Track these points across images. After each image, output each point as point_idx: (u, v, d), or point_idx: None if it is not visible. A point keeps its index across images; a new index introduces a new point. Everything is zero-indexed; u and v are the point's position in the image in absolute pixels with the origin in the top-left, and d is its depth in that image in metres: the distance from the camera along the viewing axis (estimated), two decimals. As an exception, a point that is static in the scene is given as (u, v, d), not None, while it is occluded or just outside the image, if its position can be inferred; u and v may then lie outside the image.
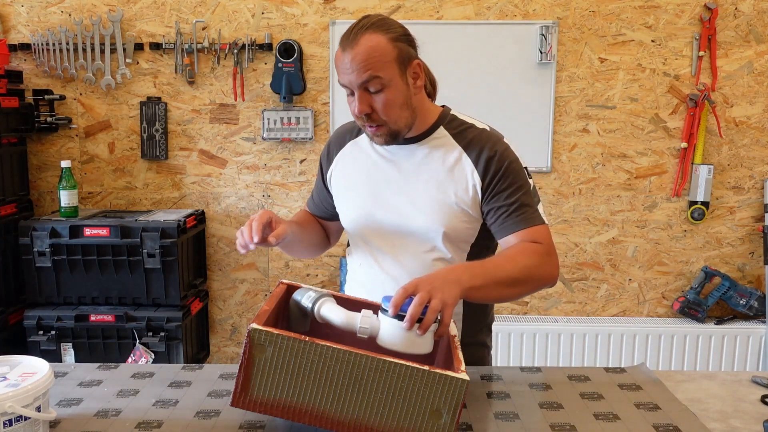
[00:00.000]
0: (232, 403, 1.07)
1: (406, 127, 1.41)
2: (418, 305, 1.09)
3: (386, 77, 1.33)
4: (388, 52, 1.33)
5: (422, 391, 1.03)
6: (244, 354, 1.05)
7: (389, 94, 1.35)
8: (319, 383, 1.05)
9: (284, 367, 1.05)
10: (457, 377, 1.03)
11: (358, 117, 1.38)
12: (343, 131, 1.59)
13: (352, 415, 1.05)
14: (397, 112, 1.37)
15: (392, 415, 1.04)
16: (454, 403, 1.03)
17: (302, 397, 1.05)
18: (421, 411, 1.04)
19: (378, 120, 1.36)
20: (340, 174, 1.55)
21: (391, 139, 1.40)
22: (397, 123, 1.38)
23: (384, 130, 1.38)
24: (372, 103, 1.35)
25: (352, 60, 1.31)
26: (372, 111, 1.35)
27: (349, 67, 1.32)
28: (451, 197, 1.42)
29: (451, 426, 1.03)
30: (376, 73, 1.32)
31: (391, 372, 1.03)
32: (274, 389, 1.06)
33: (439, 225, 1.42)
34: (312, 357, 1.04)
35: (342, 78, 1.35)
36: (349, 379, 1.04)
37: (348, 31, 1.34)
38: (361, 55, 1.31)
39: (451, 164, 1.42)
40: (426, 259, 1.45)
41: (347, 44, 1.33)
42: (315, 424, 1.06)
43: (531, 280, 1.33)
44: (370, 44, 1.32)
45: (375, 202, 1.48)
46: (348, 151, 1.55)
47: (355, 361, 1.03)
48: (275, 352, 1.04)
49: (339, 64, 1.35)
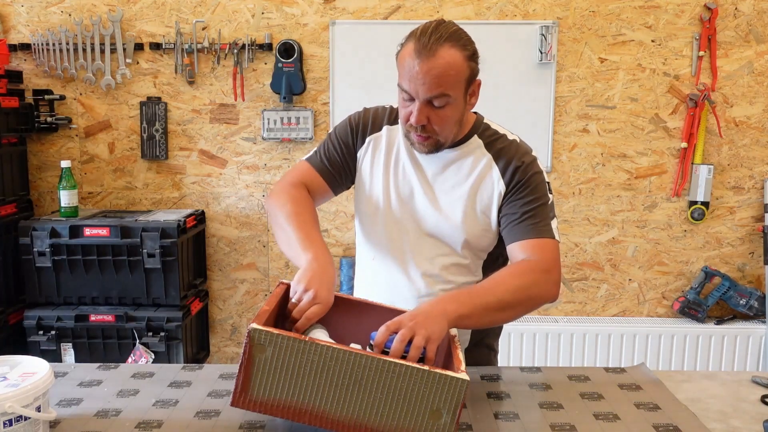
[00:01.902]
0: (232, 403, 1.07)
1: (452, 141, 1.41)
2: (400, 342, 1.08)
3: (453, 96, 1.31)
4: (462, 71, 1.30)
5: (422, 391, 1.03)
6: (244, 354, 1.05)
7: (449, 111, 1.33)
8: (319, 383, 1.04)
9: (284, 367, 1.04)
10: (457, 377, 1.03)
11: (410, 125, 1.34)
12: (379, 114, 1.52)
13: (352, 415, 1.05)
14: (450, 127, 1.36)
15: (392, 415, 1.04)
16: (454, 403, 1.03)
17: (302, 397, 1.05)
18: (421, 411, 1.03)
19: (430, 131, 1.34)
20: (370, 157, 1.49)
21: (435, 150, 1.39)
22: (447, 137, 1.38)
23: (432, 142, 1.36)
24: (430, 115, 1.32)
25: (427, 72, 1.26)
26: (427, 123, 1.33)
27: (421, 78, 1.27)
28: (476, 205, 1.42)
29: (451, 426, 1.03)
30: (447, 91, 1.29)
31: (391, 372, 1.03)
32: (274, 389, 1.05)
33: (462, 232, 1.42)
34: (312, 357, 1.04)
35: (408, 84, 1.30)
36: (349, 379, 1.04)
37: (424, 37, 1.27)
38: (438, 69, 1.26)
39: (479, 172, 1.42)
40: (443, 263, 1.45)
41: (424, 53, 1.26)
42: (315, 424, 1.06)
43: (525, 301, 1.29)
44: (448, 60, 1.27)
45: (399, 199, 1.46)
46: (383, 136, 1.49)
47: (355, 361, 1.03)
48: (275, 352, 1.04)
49: (407, 70, 1.29)
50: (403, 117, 1.36)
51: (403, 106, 1.35)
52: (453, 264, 1.44)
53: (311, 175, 1.50)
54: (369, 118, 1.51)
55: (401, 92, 1.33)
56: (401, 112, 1.36)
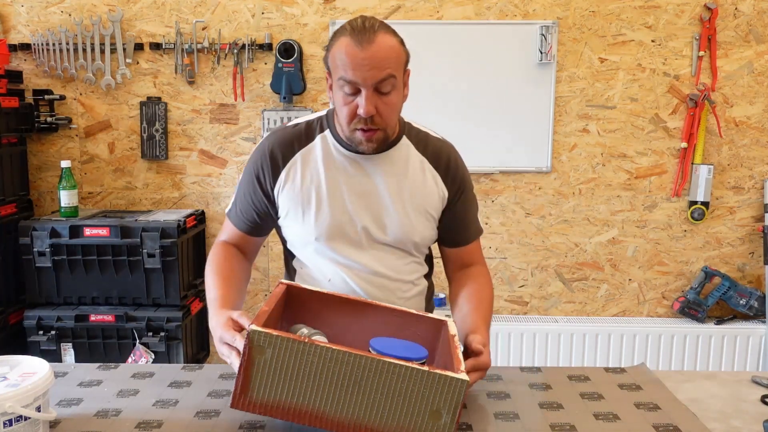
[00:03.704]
0: (232, 405, 1.07)
1: (393, 135, 1.40)
2: None
3: (398, 79, 1.32)
4: (401, 54, 1.33)
5: (422, 391, 1.03)
6: (244, 355, 1.04)
7: (395, 97, 1.33)
8: (319, 384, 1.04)
9: (284, 369, 1.04)
10: (456, 377, 1.02)
11: (357, 119, 1.31)
12: (286, 138, 1.44)
13: (352, 415, 1.05)
14: (395, 117, 1.37)
15: (392, 415, 1.04)
16: (453, 403, 1.02)
17: (302, 399, 1.05)
18: (420, 411, 1.03)
19: (379, 123, 1.32)
20: (293, 186, 1.42)
21: (380, 146, 1.37)
22: (392, 129, 1.38)
23: (379, 135, 1.34)
24: (377, 104, 1.30)
25: (372, 56, 1.25)
26: (375, 113, 1.30)
27: (368, 63, 1.25)
28: (422, 207, 1.44)
29: (451, 426, 1.03)
30: (393, 72, 1.29)
31: (390, 372, 1.03)
32: (273, 390, 1.05)
33: (412, 235, 1.45)
34: (311, 358, 1.03)
35: (352, 74, 1.27)
36: (348, 380, 1.04)
37: (357, 30, 1.27)
38: (382, 52, 1.27)
39: (416, 173, 1.44)
40: (400, 268, 1.48)
41: (365, 41, 1.26)
42: (315, 425, 1.06)
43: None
44: (388, 43, 1.29)
45: (344, 214, 1.42)
46: (300, 160, 1.43)
47: (355, 362, 1.03)
48: (275, 354, 1.04)
49: (350, 61, 1.26)
50: (348, 114, 1.31)
51: (345, 103, 1.31)
52: (409, 263, 1.50)
53: (236, 234, 1.50)
54: (274, 149, 1.43)
55: (343, 86, 1.29)
56: (343, 111, 1.32)
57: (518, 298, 3.02)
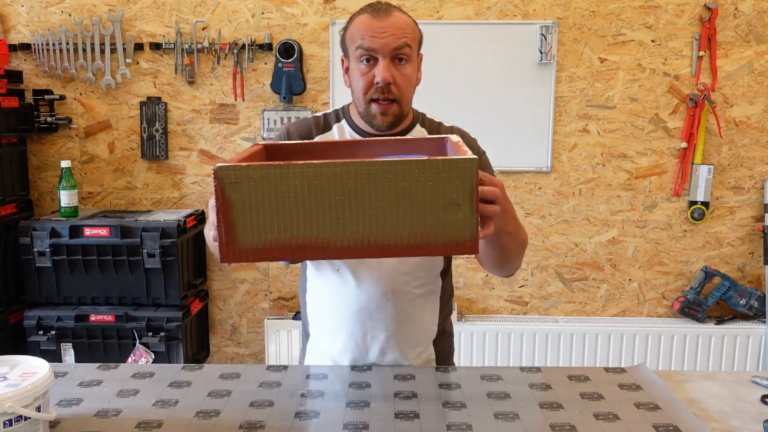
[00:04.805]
0: (222, 259, 0.94)
1: (407, 113, 1.42)
2: None
3: (413, 52, 1.36)
4: (416, 31, 1.38)
5: (428, 186, 0.89)
6: (217, 200, 0.91)
7: (410, 69, 1.36)
8: (310, 209, 0.91)
9: (266, 202, 0.91)
10: (464, 158, 0.91)
11: (374, 89, 1.33)
12: (305, 124, 1.48)
13: (356, 235, 0.92)
14: (410, 91, 1.39)
15: (401, 223, 0.91)
16: (468, 189, 0.90)
17: (297, 231, 0.92)
18: (433, 209, 0.91)
19: (394, 94, 1.34)
20: None
21: (395, 120, 1.38)
22: (407, 104, 1.39)
23: (395, 108, 1.36)
24: (393, 74, 1.33)
25: (390, 25, 1.32)
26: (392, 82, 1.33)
27: (385, 31, 1.31)
28: None
29: (471, 217, 0.91)
30: (409, 42, 1.34)
31: (388, 174, 0.90)
32: (261, 230, 0.92)
33: None
34: (294, 182, 0.90)
35: (370, 42, 1.31)
36: (342, 196, 0.90)
37: (375, 6, 1.35)
38: (399, 23, 1.33)
39: None
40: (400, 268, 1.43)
41: (382, 14, 1.33)
42: (317, 257, 0.94)
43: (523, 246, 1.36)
44: (405, 18, 1.36)
45: None
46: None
47: (344, 173, 0.89)
48: (251, 188, 0.90)
49: (368, 31, 1.32)
50: (365, 84, 1.35)
51: (361, 74, 1.35)
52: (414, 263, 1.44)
53: None
54: (292, 137, 1.46)
55: (361, 57, 1.34)
56: (359, 83, 1.35)
57: (518, 298, 3.02)
